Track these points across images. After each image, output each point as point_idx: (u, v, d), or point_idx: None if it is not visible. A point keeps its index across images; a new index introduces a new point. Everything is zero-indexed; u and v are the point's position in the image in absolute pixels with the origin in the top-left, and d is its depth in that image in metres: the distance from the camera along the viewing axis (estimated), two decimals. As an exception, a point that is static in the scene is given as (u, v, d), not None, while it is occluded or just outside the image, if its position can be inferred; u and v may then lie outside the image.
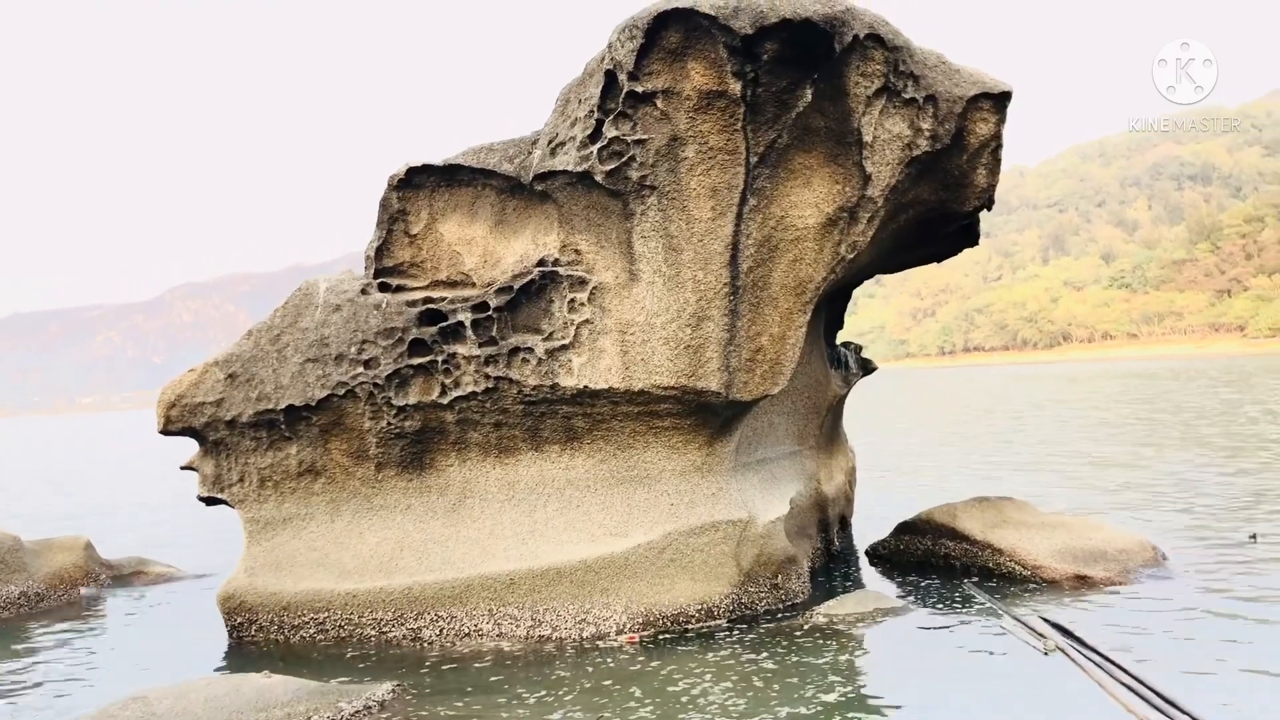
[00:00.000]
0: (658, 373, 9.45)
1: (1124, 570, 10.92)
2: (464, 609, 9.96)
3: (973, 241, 12.19)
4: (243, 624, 10.53)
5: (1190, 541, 12.81)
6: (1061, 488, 18.98)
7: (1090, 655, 8.14)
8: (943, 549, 12.13)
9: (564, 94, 9.78)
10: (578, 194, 9.54)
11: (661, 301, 9.37)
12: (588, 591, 9.75)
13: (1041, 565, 11.00)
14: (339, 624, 10.23)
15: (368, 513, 10.55)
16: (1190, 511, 15.25)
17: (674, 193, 9.14)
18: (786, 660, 8.58)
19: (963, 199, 10.79)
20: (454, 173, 10.36)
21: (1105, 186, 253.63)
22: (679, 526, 9.83)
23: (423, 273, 10.67)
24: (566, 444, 10.16)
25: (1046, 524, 11.75)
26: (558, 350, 9.68)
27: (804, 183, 9.47)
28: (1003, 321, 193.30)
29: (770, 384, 9.80)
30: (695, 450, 10.07)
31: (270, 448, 10.61)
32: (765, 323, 9.66)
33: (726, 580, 9.93)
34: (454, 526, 10.31)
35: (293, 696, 7.64)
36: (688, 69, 8.73)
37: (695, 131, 8.92)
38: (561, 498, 10.16)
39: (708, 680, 8.16)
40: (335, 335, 10.26)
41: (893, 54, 9.26)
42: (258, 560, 10.63)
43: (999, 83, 10.21)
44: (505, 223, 10.32)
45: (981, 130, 10.23)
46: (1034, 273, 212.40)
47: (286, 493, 10.67)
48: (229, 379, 10.53)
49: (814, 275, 9.70)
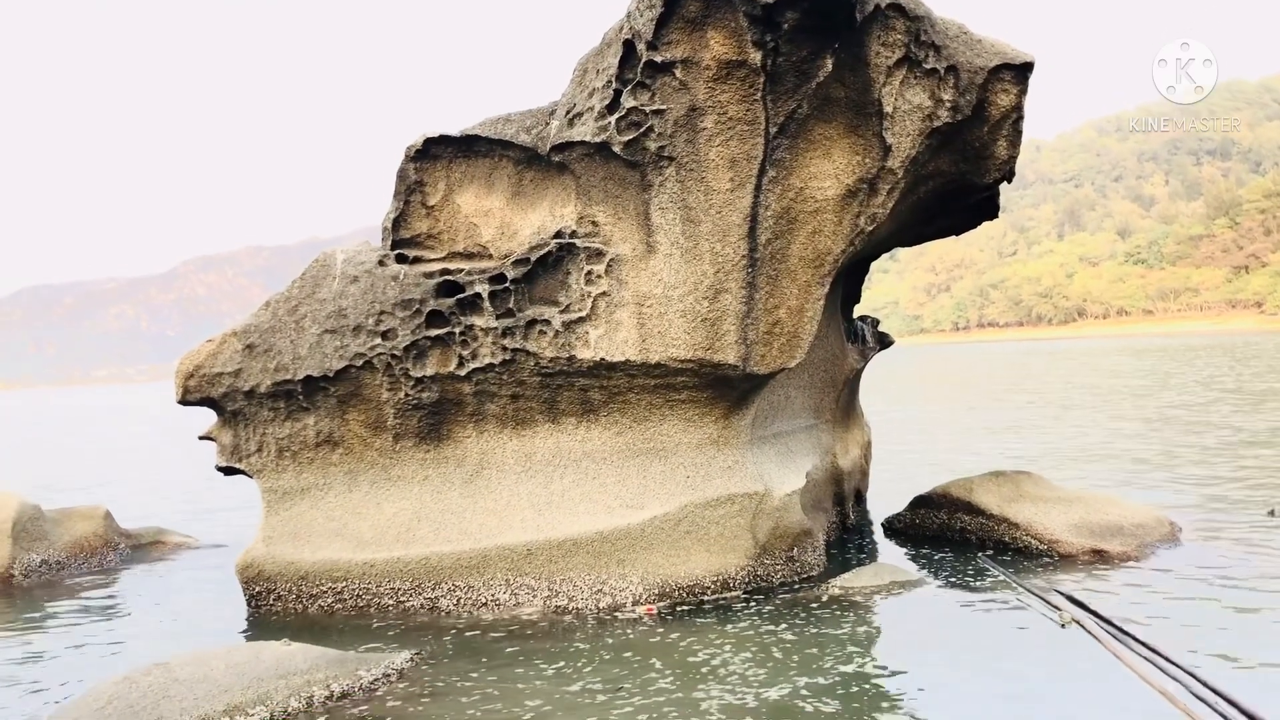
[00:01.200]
0: (674, 345, 9.42)
1: (1140, 545, 10.90)
2: (481, 579, 10.00)
3: (992, 214, 12.10)
4: (261, 593, 10.61)
5: (1207, 517, 12.76)
6: (1078, 462, 18.93)
7: (1107, 628, 8.13)
8: (959, 523, 12.13)
9: (582, 64, 9.71)
10: (595, 165, 9.49)
11: (679, 274, 9.34)
12: (604, 563, 9.79)
13: (1058, 540, 10.98)
14: (357, 593, 10.29)
15: (385, 483, 10.58)
16: (1208, 487, 15.19)
17: (692, 164, 9.09)
18: (805, 631, 8.59)
19: (983, 170, 10.71)
20: (471, 144, 10.32)
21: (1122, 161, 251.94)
22: (695, 499, 9.84)
23: (440, 244, 10.65)
24: (583, 416, 10.16)
25: (1063, 499, 11.72)
26: (575, 322, 9.67)
27: (823, 154, 9.40)
28: (1017, 297, 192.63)
29: (787, 357, 9.77)
30: (712, 423, 10.06)
31: (288, 418, 10.64)
32: (783, 295, 9.62)
33: (742, 552, 9.94)
34: (471, 498, 10.34)
35: (312, 664, 7.69)
36: (707, 38, 8.65)
37: (714, 101, 8.85)
38: (578, 469, 10.18)
39: (727, 651, 8.17)
40: (353, 306, 10.26)
41: (914, 24, 9.16)
42: (276, 530, 10.69)
43: (1020, 53, 10.10)
44: (522, 194, 10.29)
45: (1003, 101, 10.13)
46: (1049, 248, 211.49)
47: (304, 463, 10.72)
48: (247, 349, 10.55)
49: (833, 247, 9.64)
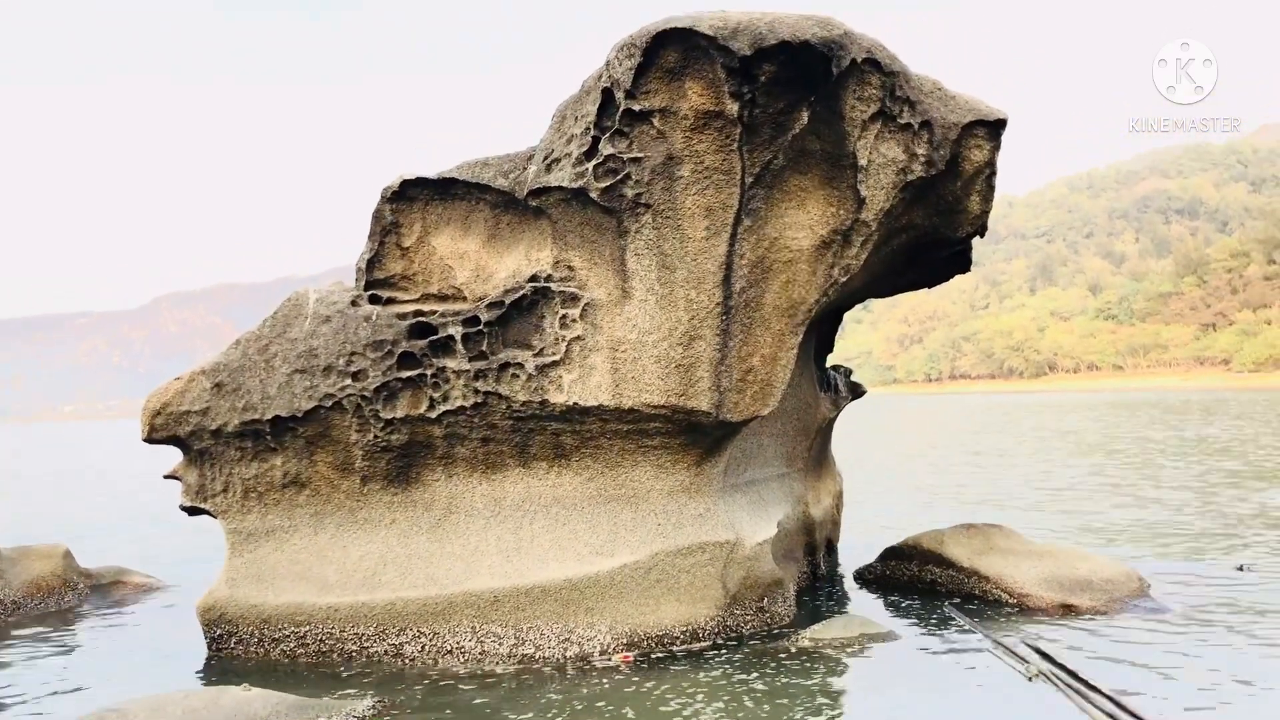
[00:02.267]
0: (648, 391, 9.40)
1: (1110, 599, 10.89)
2: (447, 625, 9.86)
3: (964, 268, 12.22)
4: (222, 636, 10.41)
5: (1176, 572, 12.80)
6: (1048, 516, 18.97)
7: (1074, 682, 8.10)
8: (929, 575, 12.10)
9: (560, 110, 9.77)
10: (572, 210, 9.52)
11: (654, 320, 9.34)
12: (573, 611, 9.67)
13: (1027, 593, 10.97)
14: (320, 638, 10.11)
15: (352, 526, 10.45)
16: (1176, 542, 15.26)
17: (669, 211, 9.13)
18: (776, 682, 8.52)
19: (956, 225, 10.83)
20: (448, 186, 10.33)
21: (1093, 218, 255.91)
22: (666, 547, 9.77)
23: (414, 286, 10.62)
24: (554, 461, 10.10)
25: (1033, 552, 11.72)
26: (548, 366, 9.63)
27: (798, 204, 9.48)
28: (989, 350, 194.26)
29: (760, 405, 9.77)
30: (684, 470, 10.02)
31: (255, 458, 10.51)
32: (757, 343, 9.64)
33: (712, 602, 9.86)
34: (438, 542, 10.22)
35: (272, 710, 7.54)
36: (685, 88, 8.73)
37: (691, 151, 8.91)
38: (548, 515, 10.09)
39: (699, 700, 8.08)
40: (324, 346, 10.19)
41: (889, 79, 9.28)
42: (239, 572, 10.52)
43: (994, 110, 10.26)
44: (499, 237, 10.29)
45: (976, 157, 10.28)
46: (1021, 302, 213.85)
47: (270, 504, 10.57)
48: (215, 388, 10.44)
49: (806, 297, 9.69)
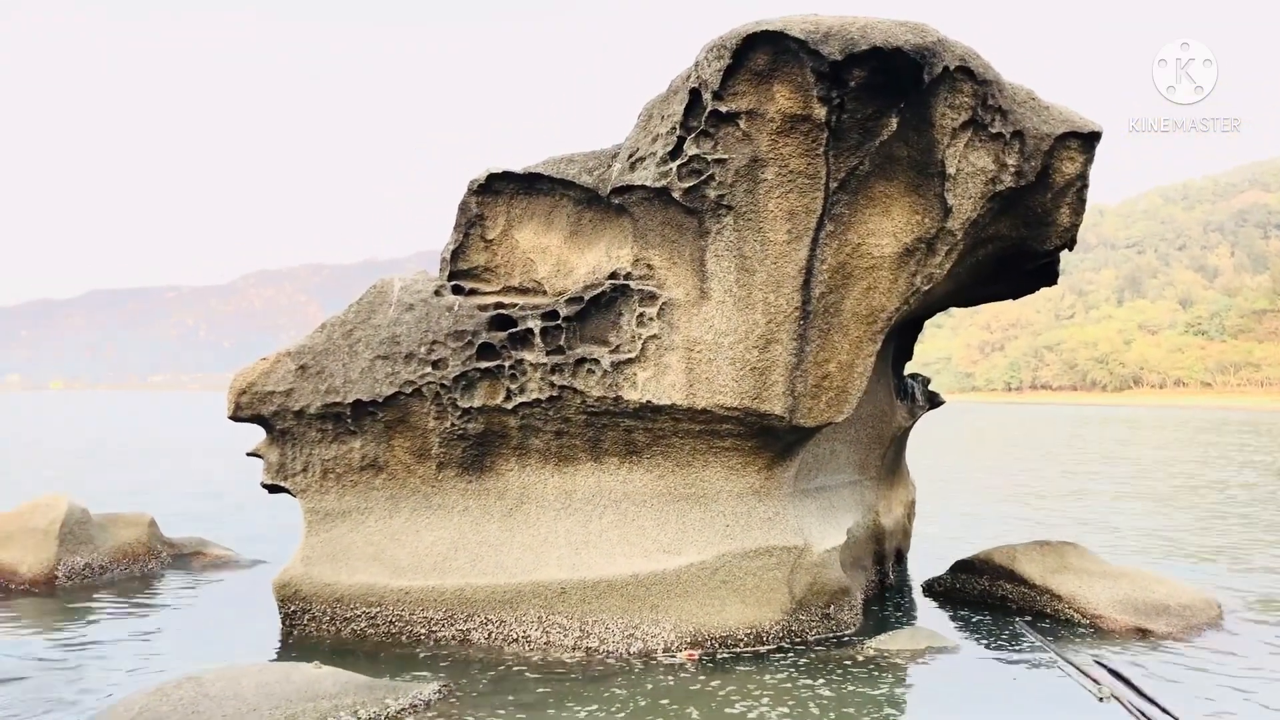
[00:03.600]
0: (722, 392, 9.41)
1: (1186, 626, 10.63)
2: (514, 614, 9.99)
3: (1051, 281, 11.98)
4: (296, 613, 10.68)
5: (1257, 601, 12.42)
6: (1126, 536, 18.53)
7: (1147, 706, 7.93)
8: (1000, 590, 11.92)
9: (647, 109, 9.81)
10: (654, 209, 9.56)
11: (730, 321, 9.34)
12: (638, 606, 9.74)
13: (1101, 615, 10.75)
14: (390, 620, 10.32)
15: (425, 511, 10.64)
16: (1260, 571, 14.80)
17: (751, 214, 9.12)
18: (842, 689, 8.48)
19: (1044, 237, 10.63)
20: (533, 181, 10.45)
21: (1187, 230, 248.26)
22: (733, 548, 9.78)
23: (496, 278, 10.76)
24: (626, 457, 10.16)
25: (1108, 573, 11.48)
26: (624, 363, 9.70)
27: (883, 211, 9.39)
28: (1073, 361, 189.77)
29: (835, 412, 9.72)
30: (754, 473, 10.01)
31: (335, 440, 10.75)
32: (834, 349, 9.59)
33: (778, 606, 9.85)
34: (509, 531, 10.36)
35: (341, 689, 7.72)
36: (773, 91, 8.70)
37: (776, 154, 8.89)
38: (617, 510, 10.16)
39: (765, 704, 8.08)
40: (406, 334, 10.38)
41: (982, 87, 9.15)
42: (315, 550, 10.78)
43: (1089, 122, 10.05)
44: (580, 233, 10.38)
45: (1068, 169, 10.08)
46: (1108, 313, 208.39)
47: (348, 486, 10.81)
48: (300, 370, 10.70)
49: (886, 305, 9.60)
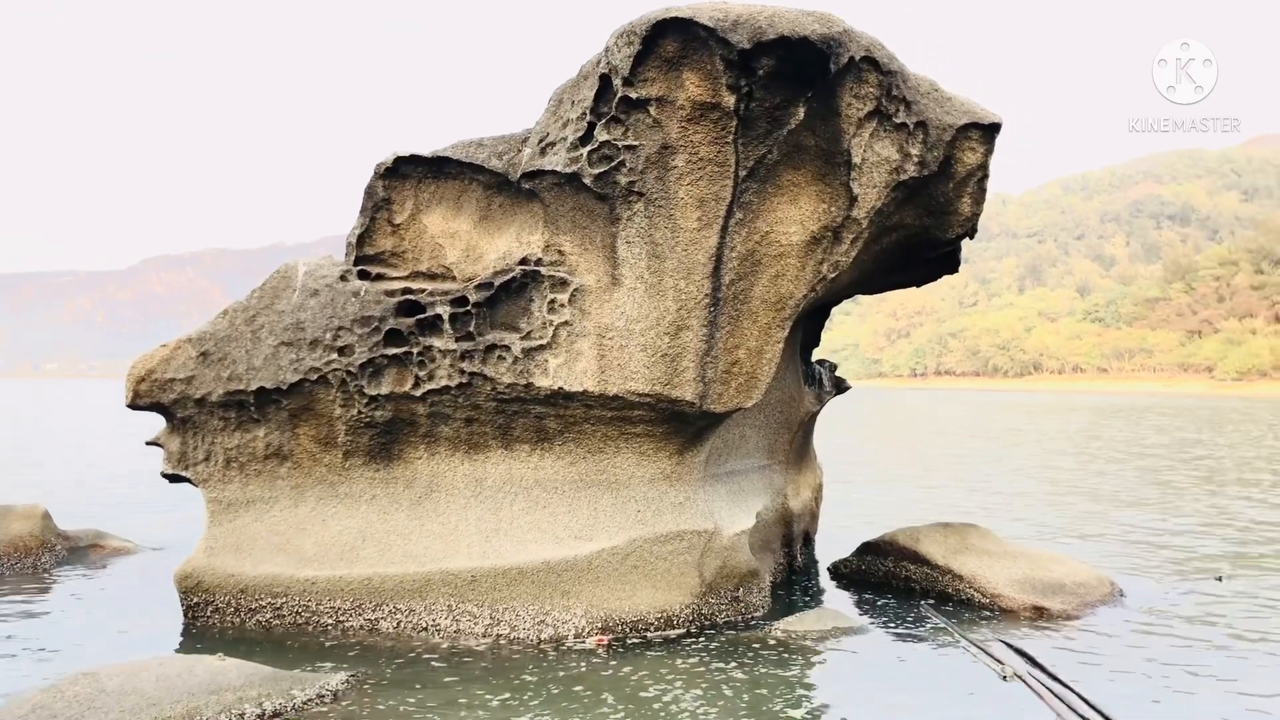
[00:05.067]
0: (633, 379, 9.44)
1: (1082, 603, 11.01)
2: (423, 603, 9.91)
3: (953, 269, 12.27)
4: (199, 604, 10.44)
5: (1151, 578, 12.92)
6: (1024, 516, 19.11)
7: (1049, 683, 8.20)
8: (904, 571, 12.20)
9: (557, 94, 9.76)
10: (565, 195, 9.53)
11: (642, 308, 9.37)
12: (549, 593, 9.74)
13: (1000, 594, 11.07)
14: (296, 610, 10.16)
15: (332, 500, 10.48)
16: (1152, 548, 15.39)
17: (661, 200, 9.15)
18: (755, 671, 8.59)
19: (946, 226, 10.87)
20: (442, 165, 10.32)
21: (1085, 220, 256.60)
22: (644, 533, 9.83)
23: (404, 263, 10.62)
24: (537, 444, 10.14)
25: (1007, 553, 11.83)
26: (534, 350, 9.66)
27: (790, 199, 9.51)
28: (975, 347, 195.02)
29: (745, 397, 9.82)
30: (665, 458, 10.07)
31: (238, 429, 10.52)
32: (743, 336, 9.69)
33: (688, 590, 9.94)
34: (418, 520, 10.26)
35: (245, 680, 7.58)
36: (683, 79, 8.73)
37: (686, 141, 8.93)
38: (528, 497, 10.14)
39: (678, 687, 8.14)
40: (311, 320, 10.20)
41: (887, 78, 9.31)
42: (218, 541, 10.54)
43: (989, 114, 10.30)
44: (490, 219, 10.30)
45: (969, 159, 10.32)
46: (1009, 301, 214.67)
47: (251, 475, 10.59)
48: (201, 357, 10.44)
49: (795, 292, 9.73)
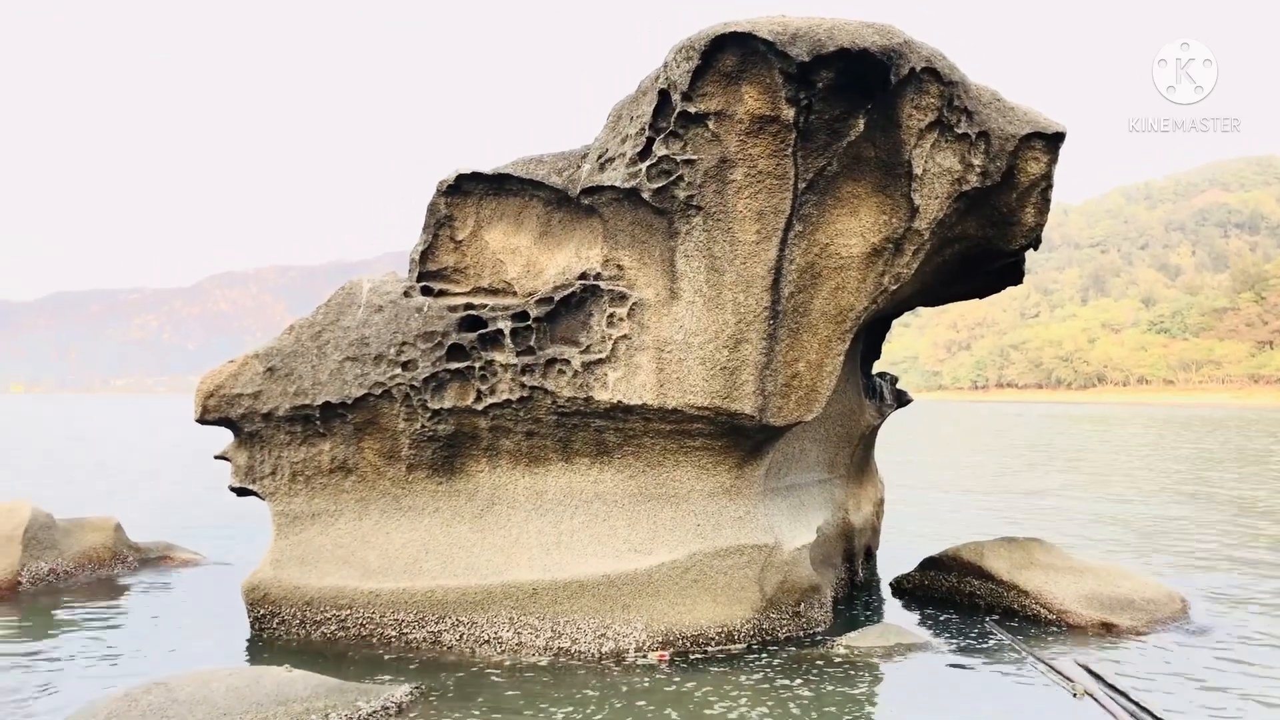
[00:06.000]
0: (692, 392, 9.45)
1: (1151, 620, 10.78)
2: (485, 615, 9.98)
3: (1017, 280, 12.11)
4: (266, 616, 10.61)
5: (1220, 595, 12.62)
6: (1091, 531, 18.75)
7: (1122, 701, 8.03)
8: (968, 587, 12.03)
9: (616, 110, 9.82)
10: (624, 210, 9.58)
11: (700, 321, 9.38)
12: (609, 606, 9.75)
13: (1067, 610, 10.88)
14: (361, 622, 10.28)
15: (396, 513, 10.60)
16: (1222, 565, 15.02)
17: (720, 214, 9.16)
18: (821, 689, 8.53)
19: (1009, 237, 10.75)
20: (502, 182, 10.43)
21: (1149, 229, 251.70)
22: (704, 547, 9.81)
23: (465, 279, 10.74)
24: (597, 457, 10.17)
25: (1074, 568, 11.62)
26: (594, 364, 9.71)
27: (850, 211, 9.46)
28: (1038, 359, 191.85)
29: (804, 410, 9.78)
30: (725, 472, 10.05)
31: (304, 443, 10.69)
32: (803, 349, 9.64)
33: (749, 604, 9.89)
34: (480, 532, 10.34)
35: (312, 692, 7.69)
36: (741, 92, 8.74)
37: (745, 155, 8.93)
38: (588, 511, 10.17)
39: (743, 704, 8.10)
40: (376, 335, 10.34)
41: (948, 88, 9.23)
42: (284, 554, 10.71)
43: (1053, 123, 10.17)
44: (550, 234, 10.38)
45: (1032, 169, 10.20)
46: (1072, 312, 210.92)
47: (317, 488, 10.75)
48: (268, 372, 10.63)
49: (855, 304, 9.67)
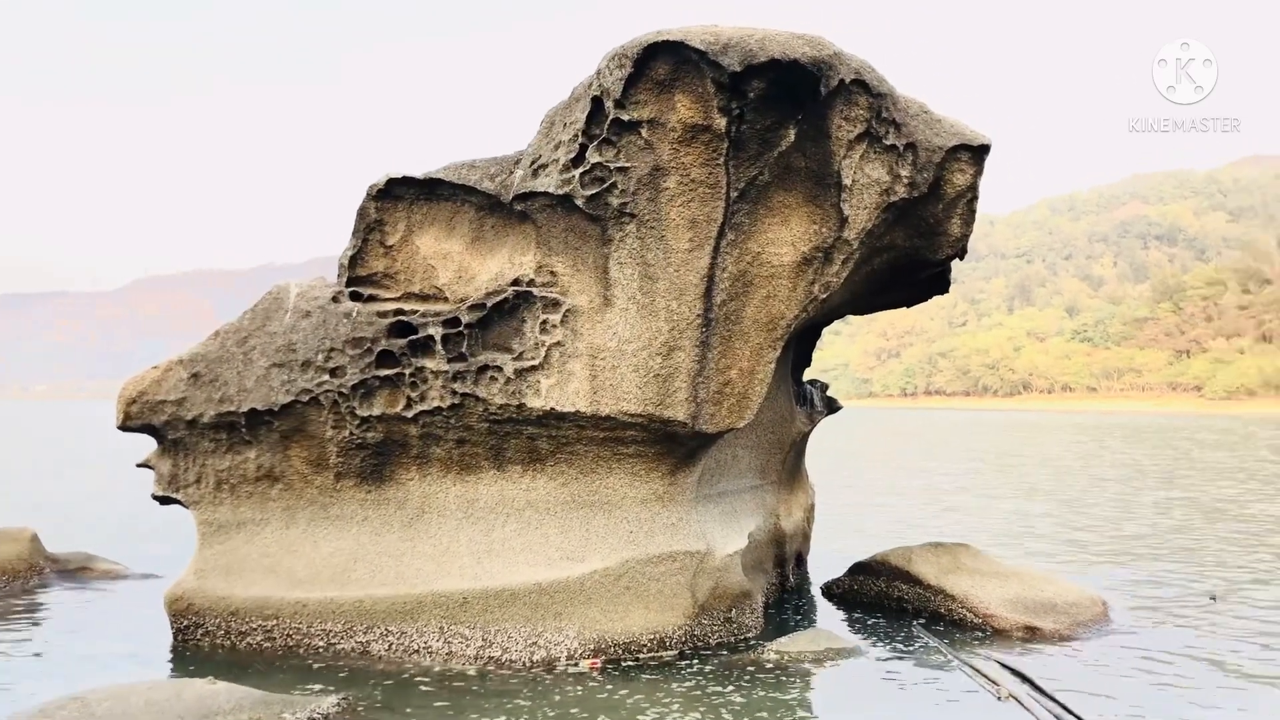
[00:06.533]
0: (625, 399, 9.45)
1: (1073, 623, 11.02)
2: (415, 625, 9.87)
3: (943, 289, 12.33)
4: (189, 627, 10.38)
5: (1141, 598, 12.94)
6: (1018, 537, 19.13)
7: (1046, 703, 8.19)
8: (896, 591, 12.19)
9: (549, 116, 9.81)
10: (557, 216, 9.56)
11: (634, 329, 9.40)
12: (541, 615, 9.70)
13: (993, 614, 11.08)
14: (287, 633, 10.10)
15: (324, 522, 10.45)
16: (1145, 568, 15.41)
17: (653, 222, 9.19)
18: (752, 695, 8.55)
19: (936, 247, 10.93)
20: (434, 186, 10.35)
21: (1073, 240, 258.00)
22: (637, 555, 9.82)
23: (396, 284, 10.63)
24: (529, 465, 10.13)
25: (999, 573, 11.84)
26: (527, 371, 9.67)
27: (782, 220, 9.55)
28: (965, 367, 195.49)
29: (737, 417, 9.84)
30: (658, 479, 10.07)
31: (229, 450, 10.50)
32: (735, 356, 9.71)
33: (681, 611, 9.91)
34: (410, 541, 10.23)
35: (235, 704, 7.53)
36: (674, 101, 8.79)
37: (678, 163, 8.97)
38: (520, 519, 10.12)
39: (675, 711, 8.09)
40: (303, 341, 10.19)
41: (877, 100, 9.37)
42: (209, 563, 10.50)
43: (978, 135, 10.38)
44: (482, 240, 10.32)
45: (959, 180, 10.39)
46: (999, 321, 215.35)
47: (243, 496, 10.56)
48: (192, 378, 10.42)
49: (786, 312, 9.76)
